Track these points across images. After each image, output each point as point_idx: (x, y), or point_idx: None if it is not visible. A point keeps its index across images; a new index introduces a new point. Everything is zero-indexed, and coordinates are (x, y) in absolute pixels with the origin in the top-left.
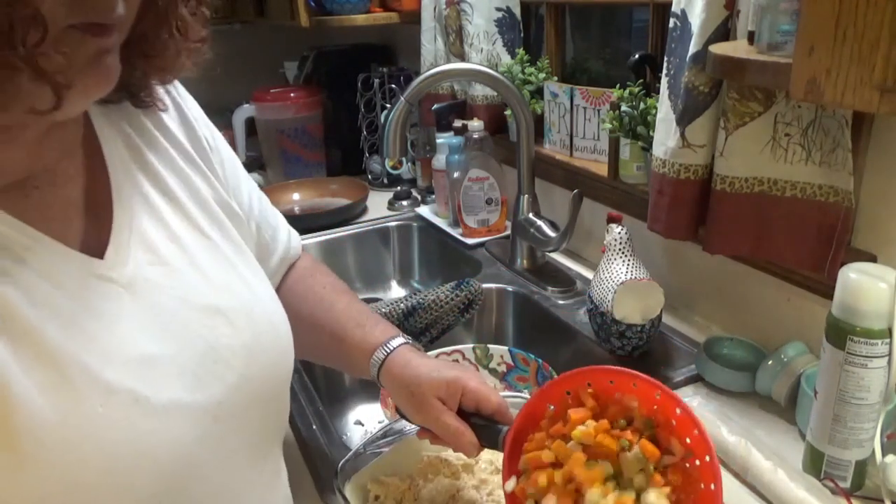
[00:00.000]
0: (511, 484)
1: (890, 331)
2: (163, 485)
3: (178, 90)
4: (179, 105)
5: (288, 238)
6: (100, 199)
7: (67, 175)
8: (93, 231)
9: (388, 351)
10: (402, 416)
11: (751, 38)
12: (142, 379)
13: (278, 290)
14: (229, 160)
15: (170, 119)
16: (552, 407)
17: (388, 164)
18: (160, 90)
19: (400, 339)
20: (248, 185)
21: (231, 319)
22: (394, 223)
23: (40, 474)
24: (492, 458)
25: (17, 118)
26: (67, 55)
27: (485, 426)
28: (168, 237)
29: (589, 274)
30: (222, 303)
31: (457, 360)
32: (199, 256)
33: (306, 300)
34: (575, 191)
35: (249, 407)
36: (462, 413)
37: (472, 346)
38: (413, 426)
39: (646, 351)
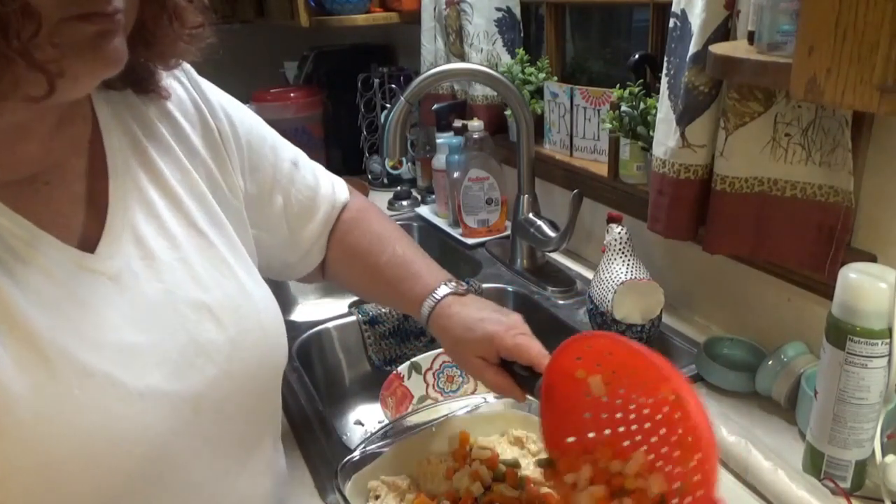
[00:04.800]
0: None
1: (890, 331)
2: (136, 470)
3: (191, 77)
4: (193, 95)
5: (332, 191)
6: (100, 194)
7: (76, 172)
8: (91, 226)
9: (432, 306)
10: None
11: (751, 38)
12: (120, 364)
13: (330, 241)
14: (248, 142)
15: (179, 111)
16: (579, 358)
17: (388, 164)
18: (167, 78)
19: (443, 290)
20: (275, 156)
21: (216, 315)
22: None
23: (13, 446)
24: None
25: (24, 115)
26: (60, 45)
27: (526, 376)
28: (161, 233)
29: (589, 274)
30: (209, 299)
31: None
32: (191, 253)
33: (357, 251)
34: (575, 191)
35: (232, 402)
36: (505, 361)
37: None
38: (412, 427)
39: None
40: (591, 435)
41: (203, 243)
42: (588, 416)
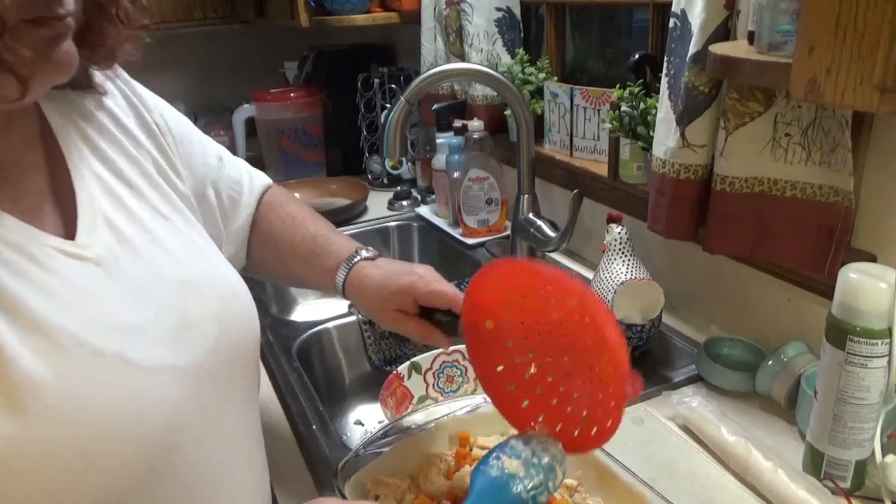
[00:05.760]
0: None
1: (890, 331)
2: (159, 440)
3: (122, 76)
4: (125, 91)
5: (250, 181)
6: (62, 186)
7: (33, 166)
8: (63, 216)
9: (346, 273)
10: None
11: (751, 38)
12: (128, 344)
13: (254, 224)
14: (180, 137)
15: (115, 105)
16: (490, 291)
17: (388, 164)
18: (101, 76)
19: (354, 257)
20: (202, 151)
21: (199, 291)
22: (394, 223)
23: (50, 431)
24: None
25: None
26: (21, 48)
27: (447, 321)
28: (130, 219)
29: (589, 274)
30: (189, 276)
31: (456, 361)
32: (161, 235)
33: (271, 235)
34: (575, 191)
35: (225, 370)
36: (427, 310)
37: None
38: (412, 427)
39: (646, 351)
40: (517, 360)
41: (169, 226)
42: (512, 343)
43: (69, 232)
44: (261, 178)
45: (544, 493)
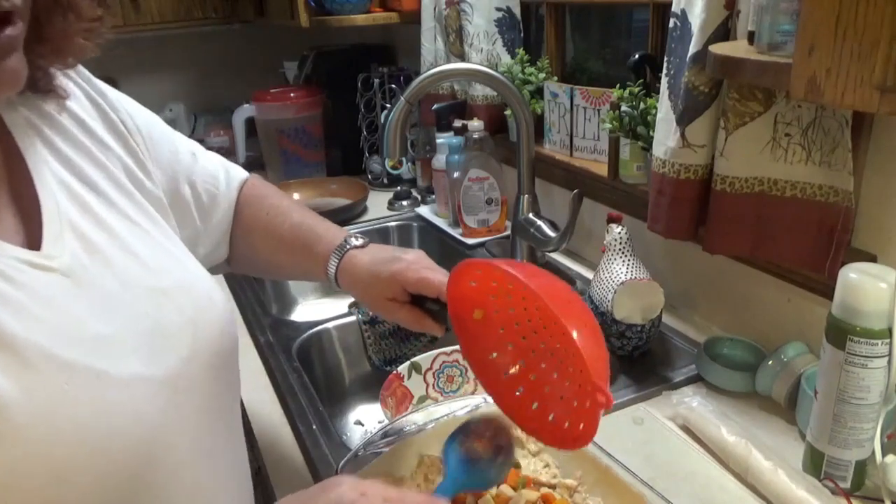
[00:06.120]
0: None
1: (890, 331)
2: (134, 454)
3: (83, 75)
4: (88, 91)
5: (227, 174)
6: (25, 194)
7: None
8: (27, 226)
9: (337, 262)
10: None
11: (751, 38)
12: (100, 356)
13: (236, 217)
14: (149, 135)
15: (78, 107)
16: (473, 283)
17: (388, 164)
18: (63, 78)
19: (344, 246)
20: (172, 148)
21: (173, 297)
22: (394, 223)
23: (18, 451)
24: None
25: None
26: None
27: (437, 309)
28: (98, 226)
29: (589, 274)
30: (161, 283)
31: (456, 361)
32: (131, 242)
33: (257, 226)
34: (575, 191)
35: (202, 378)
36: (418, 297)
37: None
38: (412, 427)
39: (646, 351)
40: (510, 346)
41: (139, 232)
42: (503, 331)
43: (34, 242)
44: (238, 171)
45: (507, 466)
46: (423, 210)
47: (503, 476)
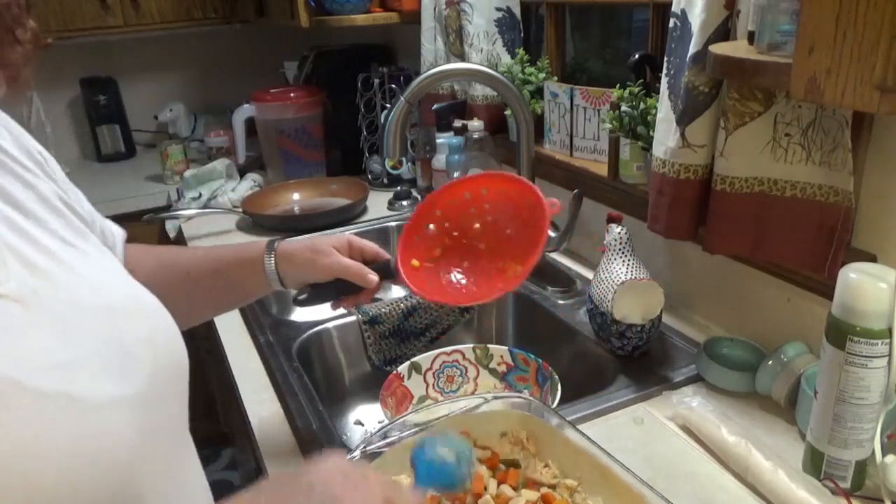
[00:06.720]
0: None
1: (890, 331)
2: (116, 476)
3: None
4: None
5: (113, 230)
6: None
7: None
8: None
9: (272, 255)
10: (310, 297)
11: (751, 38)
12: (70, 382)
13: (137, 267)
14: (59, 170)
15: None
16: (431, 227)
17: (388, 164)
18: None
19: (274, 244)
20: (75, 191)
21: (126, 316)
22: (394, 223)
23: None
24: None
25: None
26: None
27: (377, 267)
28: (37, 249)
29: (589, 274)
30: (112, 301)
31: (456, 361)
32: (73, 263)
33: (165, 264)
34: (575, 191)
35: (167, 393)
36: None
37: (472, 346)
38: (412, 427)
39: (646, 351)
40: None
41: (78, 253)
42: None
43: None
44: (116, 227)
45: (469, 473)
46: None
47: (468, 480)
